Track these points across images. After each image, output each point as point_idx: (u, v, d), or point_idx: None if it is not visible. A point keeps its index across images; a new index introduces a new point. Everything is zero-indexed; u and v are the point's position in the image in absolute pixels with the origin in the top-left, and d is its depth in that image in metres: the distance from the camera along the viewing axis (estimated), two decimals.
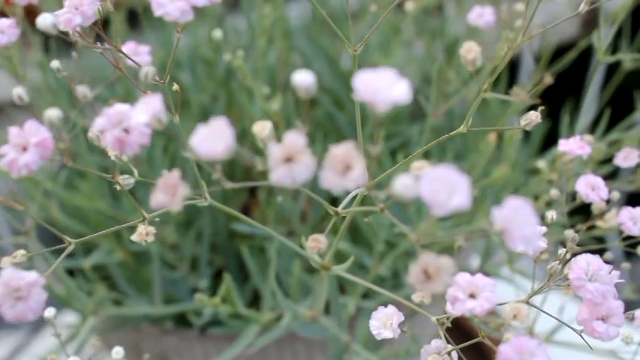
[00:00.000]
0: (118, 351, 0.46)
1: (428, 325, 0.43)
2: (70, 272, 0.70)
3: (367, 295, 0.66)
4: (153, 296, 0.67)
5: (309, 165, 0.26)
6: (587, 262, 0.35)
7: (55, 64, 0.43)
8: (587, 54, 0.77)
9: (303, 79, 0.26)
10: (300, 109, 0.74)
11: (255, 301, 0.68)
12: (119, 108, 0.29)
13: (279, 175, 0.26)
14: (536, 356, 0.31)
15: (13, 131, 0.29)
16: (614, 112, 0.71)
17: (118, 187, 0.38)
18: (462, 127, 0.38)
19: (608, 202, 0.49)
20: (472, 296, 0.32)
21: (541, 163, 0.62)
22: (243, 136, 0.72)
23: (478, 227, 0.68)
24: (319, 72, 0.79)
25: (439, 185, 0.25)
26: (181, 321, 0.69)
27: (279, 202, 0.65)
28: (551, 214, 0.44)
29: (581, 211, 0.53)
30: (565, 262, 0.40)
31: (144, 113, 0.28)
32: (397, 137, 0.76)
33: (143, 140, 0.29)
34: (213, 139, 0.25)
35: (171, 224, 0.68)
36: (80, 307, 0.62)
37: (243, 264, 0.69)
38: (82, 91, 0.30)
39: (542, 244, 0.42)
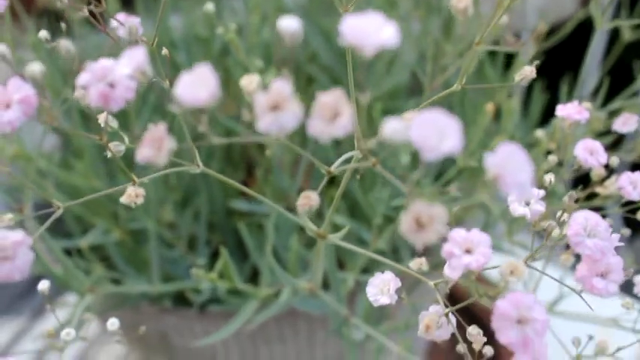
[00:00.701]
0: (113, 322, 0.46)
1: (427, 297, 0.43)
2: (68, 253, 0.69)
3: (366, 270, 0.65)
4: (151, 275, 0.66)
5: (295, 113, 0.25)
6: (586, 218, 0.35)
7: (43, 34, 0.43)
8: (587, 30, 0.76)
9: (289, 24, 0.26)
10: (297, 85, 0.73)
11: (254, 278, 0.67)
12: (103, 63, 0.29)
13: (266, 124, 0.25)
14: (533, 310, 0.30)
15: None
16: (614, 85, 0.70)
17: (109, 154, 0.37)
18: (455, 85, 0.38)
19: (608, 169, 0.49)
20: (468, 252, 0.32)
21: (540, 133, 0.62)
22: (240, 115, 0.71)
23: (477, 200, 0.67)
24: (316, 50, 0.79)
25: (429, 129, 0.25)
26: (180, 300, 0.68)
27: (276, 178, 0.65)
28: (550, 178, 0.44)
29: (581, 182, 0.52)
30: (563, 224, 0.39)
31: (127, 66, 0.27)
32: (395, 112, 0.75)
33: (128, 94, 0.28)
34: (197, 86, 0.25)
35: (168, 203, 0.67)
36: (78, 286, 0.62)
37: (241, 242, 0.69)
38: (65, 45, 0.29)
39: (541, 207, 0.41)
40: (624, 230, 0.52)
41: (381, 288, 0.42)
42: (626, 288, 0.45)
